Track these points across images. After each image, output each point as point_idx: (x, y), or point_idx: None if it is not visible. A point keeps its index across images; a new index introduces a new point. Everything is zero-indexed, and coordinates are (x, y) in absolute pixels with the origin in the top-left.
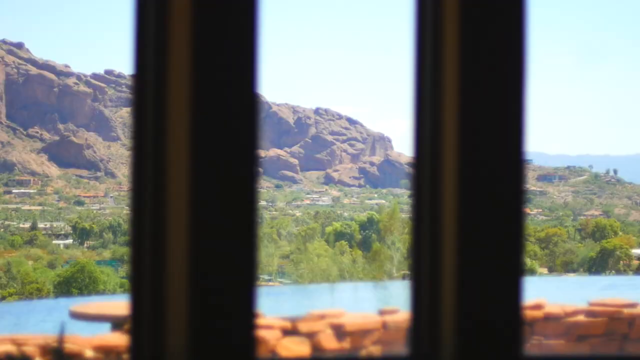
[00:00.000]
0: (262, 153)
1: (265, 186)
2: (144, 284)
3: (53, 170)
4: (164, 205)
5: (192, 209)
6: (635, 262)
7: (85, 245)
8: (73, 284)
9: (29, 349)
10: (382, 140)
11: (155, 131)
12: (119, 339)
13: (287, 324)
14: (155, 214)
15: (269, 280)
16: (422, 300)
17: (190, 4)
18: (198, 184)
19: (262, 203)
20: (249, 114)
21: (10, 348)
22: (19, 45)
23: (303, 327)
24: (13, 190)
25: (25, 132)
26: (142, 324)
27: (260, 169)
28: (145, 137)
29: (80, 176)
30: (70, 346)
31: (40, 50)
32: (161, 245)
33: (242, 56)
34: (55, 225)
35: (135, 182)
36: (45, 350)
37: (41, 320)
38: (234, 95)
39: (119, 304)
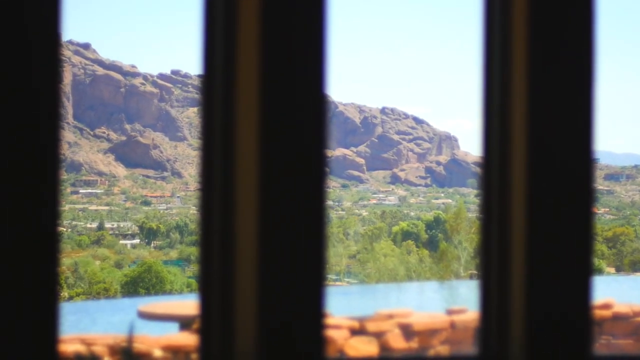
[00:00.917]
0: (328, 153)
1: (332, 186)
2: (213, 284)
3: (120, 170)
4: (232, 205)
5: (261, 209)
6: None
7: (152, 245)
8: (140, 283)
9: (98, 349)
10: (448, 140)
11: (224, 131)
12: (187, 339)
13: (355, 324)
14: (224, 215)
15: (336, 280)
16: (491, 299)
17: (259, 4)
18: (267, 184)
19: (329, 203)
20: (317, 114)
21: (79, 348)
22: (86, 46)
23: (371, 326)
24: (80, 191)
25: (92, 133)
26: (211, 324)
27: (327, 169)
28: (214, 137)
29: (147, 176)
30: (138, 346)
31: (107, 50)
32: (230, 245)
33: (311, 56)
34: (122, 225)
35: (203, 183)
36: (114, 350)
37: (109, 320)
38: (302, 95)
39: (187, 304)
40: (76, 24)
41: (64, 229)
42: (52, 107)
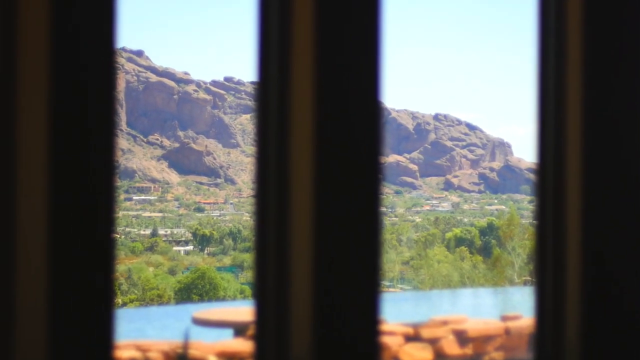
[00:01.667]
0: (382, 159)
1: (385, 192)
2: (269, 291)
3: (173, 177)
4: (287, 212)
5: (316, 216)
6: None
7: (206, 251)
8: (193, 290)
9: (153, 355)
10: (501, 146)
11: (279, 139)
12: (242, 345)
13: (410, 330)
14: (279, 221)
15: (390, 286)
16: (546, 305)
17: (313, 12)
18: (321, 191)
19: (382, 209)
20: (372, 121)
21: (135, 354)
22: (139, 53)
23: (425, 333)
24: (134, 197)
25: (145, 139)
26: (267, 330)
27: (382, 176)
28: (269, 144)
29: (201, 183)
30: (193, 352)
31: (159, 58)
32: (285, 251)
33: (365, 63)
34: (175, 232)
35: (258, 190)
36: (169, 356)
37: (162, 326)
38: (357, 103)
39: (241, 310)
40: (129, 31)
41: (118, 236)
42: (108, 115)
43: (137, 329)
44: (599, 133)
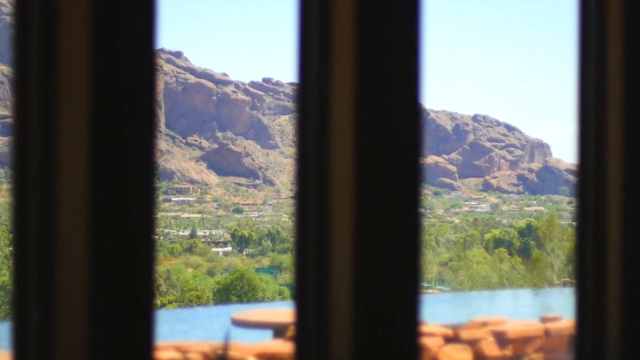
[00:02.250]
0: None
1: (424, 193)
2: (309, 292)
3: (212, 178)
4: (328, 213)
5: (356, 217)
6: None
7: (244, 252)
8: (232, 291)
9: (193, 356)
10: (540, 147)
11: (319, 140)
12: (281, 346)
13: (449, 332)
14: (319, 222)
15: (428, 287)
16: (586, 307)
17: (353, 12)
18: (362, 192)
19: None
20: (413, 122)
21: (174, 355)
22: (178, 54)
23: (465, 334)
24: (172, 199)
25: (184, 141)
26: (307, 331)
27: (423, 177)
28: (309, 146)
29: (239, 184)
30: (233, 353)
31: (198, 59)
32: (325, 252)
33: (406, 64)
34: (214, 233)
35: (299, 191)
36: (209, 357)
37: (201, 327)
38: (397, 103)
39: (280, 312)
40: (168, 32)
41: (157, 237)
42: (148, 116)
43: (176, 330)
44: None
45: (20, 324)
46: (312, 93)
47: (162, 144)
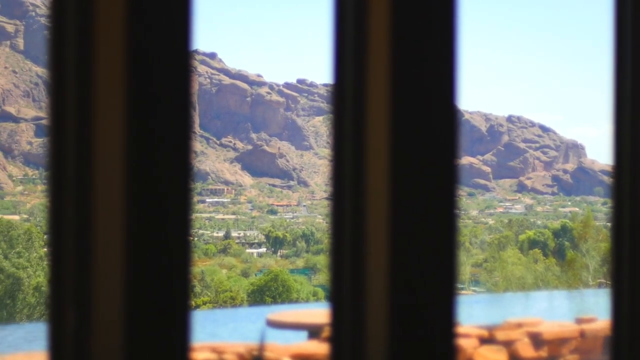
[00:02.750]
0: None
1: (459, 194)
2: (344, 293)
3: (246, 179)
4: (363, 214)
5: (392, 217)
6: None
7: (279, 254)
8: (266, 292)
9: (229, 357)
10: (575, 148)
11: (354, 142)
12: (316, 347)
13: (484, 333)
14: (355, 223)
15: (462, 288)
16: (622, 308)
17: (389, 13)
18: (397, 193)
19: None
20: (449, 123)
21: (210, 356)
22: (212, 56)
23: (500, 335)
24: (207, 200)
25: (218, 142)
26: (343, 333)
27: (458, 178)
28: (344, 147)
29: (273, 185)
30: (268, 354)
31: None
32: (361, 254)
33: (442, 66)
34: (248, 234)
35: (334, 192)
36: (244, 358)
37: (236, 328)
38: (433, 104)
39: (315, 312)
40: (202, 33)
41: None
42: (184, 117)
43: (211, 331)
44: None
45: (57, 326)
46: (347, 94)
47: (197, 145)
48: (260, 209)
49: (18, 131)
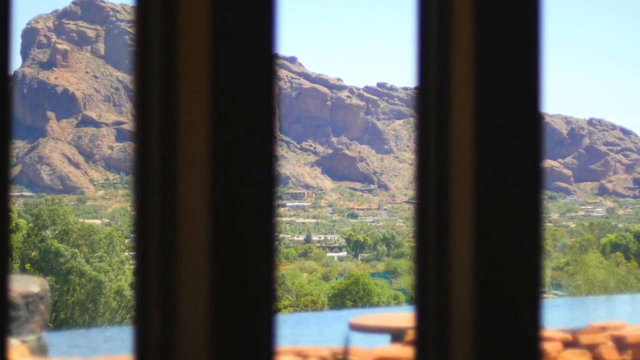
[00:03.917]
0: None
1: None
2: (429, 296)
3: (327, 183)
4: (447, 217)
5: (476, 222)
6: None
7: (359, 257)
8: (347, 296)
9: None
10: None
11: (438, 144)
12: (400, 351)
13: (568, 336)
14: (439, 227)
15: (544, 292)
16: None
17: (473, 16)
18: (482, 196)
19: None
20: (533, 127)
21: (294, 359)
22: (292, 60)
23: (583, 339)
24: (287, 204)
25: (298, 146)
26: (427, 336)
27: (542, 182)
28: (428, 150)
29: (354, 189)
30: (352, 358)
31: (312, 64)
32: (445, 258)
33: (527, 69)
34: (329, 238)
35: (419, 196)
36: None
37: (317, 332)
38: (517, 106)
39: (397, 316)
40: (282, 38)
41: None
42: (267, 122)
43: (292, 334)
44: None
45: (142, 329)
46: (431, 97)
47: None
48: (341, 213)
49: (99, 136)
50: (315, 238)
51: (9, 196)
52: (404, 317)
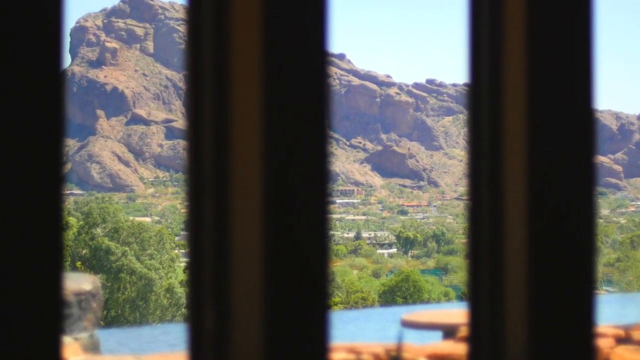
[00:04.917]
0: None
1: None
2: (483, 292)
3: (376, 180)
4: (500, 214)
5: (530, 218)
6: None
7: (409, 254)
8: (397, 292)
9: (366, 357)
10: None
11: (491, 141)
12: (452, 347)
13: (621, 332)
14: (492, 224)
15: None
16: None
17: (524, 12)
18: (535, 192)
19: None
20: (586, 122)
21: (347, 356)
22: (341, 57)
23: (637, 335)
24: (337, 201)
25: (348, 143)
26: (481, 333)
27: (595, 178)
28: (481, 147)
29: (404, 185)
30: (405, 354)
31: (361, 61)
32: (499, 254)
33: (578, 66)
34: (379, 235)
35: (471, 194)
36: (381, 358)
37: (368, 328)
38: (569, 103)
39: (449, 312)
40: (331, 34)
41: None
42: (320, 119)
43: (344, 331)
44: None
45: (196, 325)
46: (483, 94)
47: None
48: (391, 210)
49: (149, 134)
50: (365, 235)
51: (63, 194)
52: (456, 313)
